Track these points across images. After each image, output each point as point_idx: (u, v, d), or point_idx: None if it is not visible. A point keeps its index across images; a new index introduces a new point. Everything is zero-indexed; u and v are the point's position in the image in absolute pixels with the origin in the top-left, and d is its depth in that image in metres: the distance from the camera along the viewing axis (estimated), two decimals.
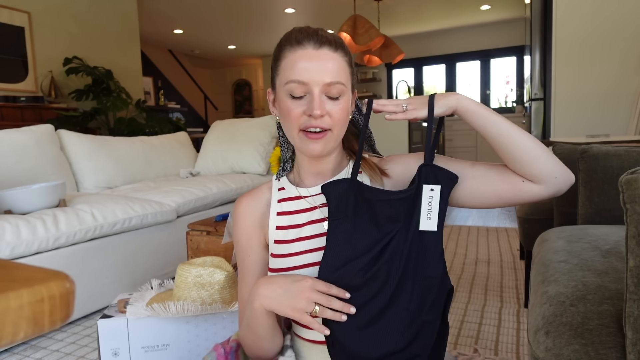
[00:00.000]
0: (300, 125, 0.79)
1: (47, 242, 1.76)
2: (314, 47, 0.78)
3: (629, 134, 3.23)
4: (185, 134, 3.67)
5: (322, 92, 0.78)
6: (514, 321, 1.75)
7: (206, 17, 6.78)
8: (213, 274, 1.30)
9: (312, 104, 0.77)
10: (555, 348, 0.66)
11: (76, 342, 1.73)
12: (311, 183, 0.88)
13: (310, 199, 0.87)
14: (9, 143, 2.33)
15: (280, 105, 0.82)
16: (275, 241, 0.87)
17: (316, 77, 0.77)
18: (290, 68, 0.78)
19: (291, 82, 0.78)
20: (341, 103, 0.79)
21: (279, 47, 0.82)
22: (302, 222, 0.86)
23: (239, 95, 10.50)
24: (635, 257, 0.57)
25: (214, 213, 2.67)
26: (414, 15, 6.97)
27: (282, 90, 0.80)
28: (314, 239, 0.83)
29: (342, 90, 0.79)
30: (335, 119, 0.79)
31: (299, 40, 0.79)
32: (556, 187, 0.76)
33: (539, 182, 0.76)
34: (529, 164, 0.76)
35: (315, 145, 0.79)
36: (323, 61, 0.78)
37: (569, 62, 3.40)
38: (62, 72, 4.47)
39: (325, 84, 0.77)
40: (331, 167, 0.88)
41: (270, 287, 0.77)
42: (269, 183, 0.94)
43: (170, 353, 1.33)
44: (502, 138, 0.77)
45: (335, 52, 0.79)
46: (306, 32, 0.80)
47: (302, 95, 0.78)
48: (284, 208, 0.88)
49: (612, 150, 1.26)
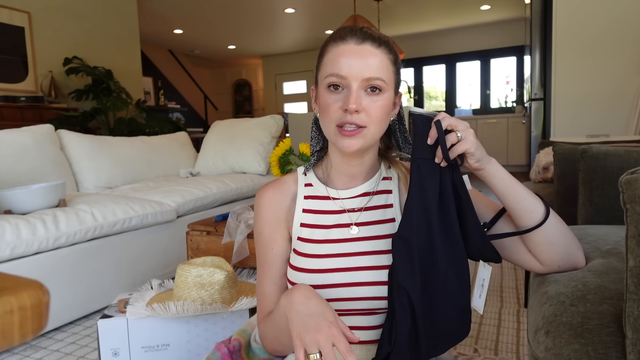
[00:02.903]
0: (336, 121, 0.77)
1: (47, 242, 1.76)
2: (356, 43, 0.77)
3: (629, 134, 3.23)
4: (185, 134, 3.67)
5: (360, 88, 0.76)
6: (514, 321, 1.75)
7: (206, 17, 6.78)
8: (213, 274, 1.30)
9: (348, 98, 0.75)
10: (555, 348, 0.66)
11: (76, 342, 1.73)
12: (341, 186, 0.87)
13: (340, 201, 0.86)
14: (9, 143, 2.33)
15: (319, 100, 0.81)
16: (300, 238, 0.86)
17: (355, 72, 0.75)
18: (331, 62, 0.78)
19: (330, 76, 0.77)
20: (380, 100, 0.77)
21: (324, 44, 0.82)
22: (329, 224, 0.85)
23: (239, 95, 10.51)
24: (635, 257, 0.57)
25: (214, 213, 2.67)
26: (414, 15, 6.98)
27: (322, 84, 0.79)
28: (341, 244, 0.82)
29: (381, 86, 0.77)
30: (373, 117, 0.77)
31: (342, 36, 0.78)
32: (557, 271, 0.79)
33: (542, 264, 0.79)
34: (541, 248, 0.77)
35: (350, 141, 0.77)
36: (364, 56, 0.76)
37: (569, 62, 3.40)
38: (62, 72, 4.47)
39: (364, 79, 0.76)
40: (365, 169, 0.86)
41: (304, 306, 0.71)
42: (294, 175, 0.92)
43: (170, 353, 1.33)
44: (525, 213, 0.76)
45: (377, 49, 0.78)
46: (350, 29, 0.79)
47: (341, 89, 0.77)
48: (311, 206, 0.87)
49: (612, 150, 1.26)
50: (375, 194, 0.86)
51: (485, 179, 0.76)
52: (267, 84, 9.87)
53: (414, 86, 8.54)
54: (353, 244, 0.82)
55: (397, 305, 0.73)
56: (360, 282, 0.79)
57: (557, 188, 1.67)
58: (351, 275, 0.80)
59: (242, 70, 10.48)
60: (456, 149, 0.72)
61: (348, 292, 0.79)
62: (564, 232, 0.76)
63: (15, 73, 4.18)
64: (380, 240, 0.82)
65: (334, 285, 0.80)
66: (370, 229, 0.83)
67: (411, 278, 0.72)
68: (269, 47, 8.84)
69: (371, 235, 0.83)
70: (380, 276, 0.79)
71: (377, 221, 0.84)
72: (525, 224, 0.75)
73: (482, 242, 0.75)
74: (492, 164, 0.75)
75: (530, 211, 0.74)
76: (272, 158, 1.76)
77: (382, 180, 0.88)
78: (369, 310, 0.81)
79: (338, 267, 0.80)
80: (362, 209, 0.85)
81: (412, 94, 8.40)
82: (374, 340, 0.81)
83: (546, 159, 2.24)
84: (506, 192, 0.75)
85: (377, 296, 0.79)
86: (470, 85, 8.18)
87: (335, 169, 0.87)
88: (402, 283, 0.72)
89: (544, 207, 0.75)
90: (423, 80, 8.55)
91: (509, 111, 7.59)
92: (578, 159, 1.31)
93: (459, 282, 0.74)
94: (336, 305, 0.80)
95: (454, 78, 8.26)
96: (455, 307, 0.74)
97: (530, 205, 0.75)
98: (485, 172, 0.75)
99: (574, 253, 0.79)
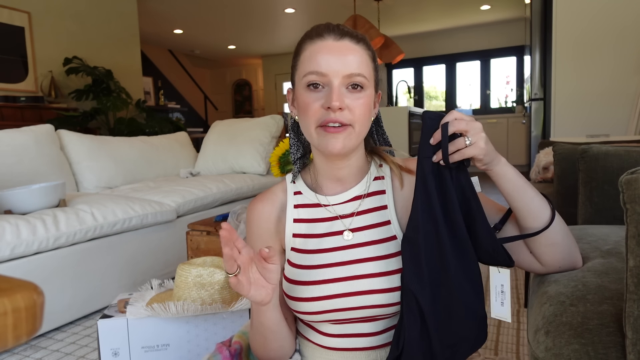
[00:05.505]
0: (318, 121, 0.74)
1: (47, 242, 1.76)
2: (334, 39, 0.74)
3: (629, 134, 3.23)
4: (185, 134, 3.67)
5: (342, 85, 0.73)
6: (514, 321, 1.75)
7: (206, 17, 6.78)
8: (213, 274, 1.30)
9: (330, 96, 0.72)
10: (555, 348, 0.66)
11: (76, 342, 1.73)
12: (330, 191, 0.83)
13: (331, 207, 0.83)
14: (9, 143, 2.33)
15: (298, 100, 0.77)
16: (293, 249, 0.83)
17: (336, 68, 0.72)
18: (309, 60, 0.74)
19: (310, 74, 0.74)
20: (363, 98, 0.74)
21: (299, 43, 0.79)
22: (321, 232, 0.81)
23: (239, 95, 10.51)
24: (635, 257, 0.57)
25: (214, 213, 2.67)
26: (414, 15, 6.97)
27: (300, 84, 0.76)
28: (336, 252, 0.79)
29: (363, 83, 0.74)
30: (357, 114, 0.73)
31: (319, 33, 0.75)
32: (557, 271, 0.79)
33: (543, 264, 0.78)
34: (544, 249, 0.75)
35: (335, 141, 0.73)
36: (344, 52, 0.73)
37: (569, 62, 3.40)
38: (62, 72, 4.47)
39: (345, 76, 0.73)
40: (352, 172, 0.82)
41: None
42: (282, 185, 0.88)
43: (170, 353, 1.33)
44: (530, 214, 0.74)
45: (357, 45, 0.75)
46: (326, 26, 0.76)
47: (321, 87, 0.74)
48: (302, 215, 0.83)
49: (612, 150, 1.26)
50: (367, 196, 0.82)
51: (494, 178, 0.73)
52: (267, 84, 9.87)
53: (414, 86, 8.54)
54: (348, 251, 0.79)
55: (405, 309, 0.71)
56: (359, 292, 0.76)
57: (557, 188, 1.67)
58: (349, 284, 0.76)
59: (242, 70, 10.48)
60: (462, 154, 0.68)
61: (347, 302, 0.76)
62: (566, 233, 0.75)
63: (15, 73, 4.18)
64: (377, 245, 0.78)
65: (333, 296, 0.76)
66: (366, 234, 0.80)
67: (418, 281, 0.69)
68: (269, 47, 8.83)
69: (367, 241, 0.79)
70: (379, 284, 0.75)
71: (372, 225, 0.80)
72: (530, 226, 0.73)
73: (493, 246, 0.72)
74: (502, 165, 0.72)
75: (536, 213, 0.72)
76: (272, 158, 1.76)
77: (374, 180, 0.84)
78: (372, 317, 0.78)
79: (335, 278, 0.77)
80: (354, 214, 0.81)
81: (412, 94, 8.40)
82: (379, 345, 0.79)
83: (546, 159, 2.24)
84: (514, 193, 0.72)
85: (378, 304, 0.75)
86: (470, 85, 8.18)
87: (322, 175, 0.84)
88: (410, 287, 0.70)
89: (550, 209, 0.73)
90: (423, 80, 8.55)
91: (509, 111, 7.59)
92: (578, 159, 1.31)
93: (472, 288, 0.71)
94: (337, 315, 0.77)
95: (454, 78, 8.26)
96: (471, 313, 0.71)
97: (537, 207, 0.72)
98: (493, 172, 0.72)
99: (574, 253, 0.78)
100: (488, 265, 0.76)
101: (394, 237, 0.79)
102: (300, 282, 0.79)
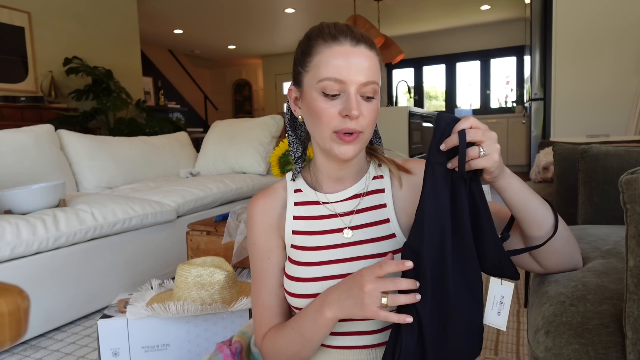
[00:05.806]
0: (334, 127, 0.74)
1: (47, 242, 1.76)
2: (351, 44, 0.73)
3: (629, 134, 3.24)
4: (185, 134, 3.67)
5: (357, 92, 0.74)
6: (514, 321, 1.75)
7: (206, 17, 6.78)
8: (213, 274, 1.30)
9: (349, 104, 0.72)
10: (555, 348, 0.66)
11: (76, 342, 1.73)
12: (330, 189, 0.85)
13: (330, 205, 0.84)
14: (9, 143, 2.33)
15: (309, 104, 0.76)
16: (293, 246, 0.83)
17: (354, 76, 0.72)
18: (325, 64, 0.73)
19: (326, 80, 0.73)
20: (374, 104, 0.75)
21: (308, 40, 0.77)
22: (321, 230, 0.82)
23: (239, 95, 10.51)
24: (635, 257, 0.57)
25: (214, 213, 2.67)
26: (414, 15, 6.98)
27: (313, 88, 0.75)
28: (336, 249, 0.80)
29: (376, 90, 0.76)
30: (368, 121, 0.75)
31: (333, 36, 0.74)
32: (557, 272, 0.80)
33: (543, 268, 0.78)
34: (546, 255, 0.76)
35: (348, 148, 0.75)
36: (360, 59, 0.73)
37: (569, 62, 3.40)
38: (62, 72, 4.47)
39: (361, 84, 0.73)
40: (353, 171, 0.84)
41: (337, 292, 0.71)
42: (283, 182, 0.89)
43: (170, 353, 1.33)
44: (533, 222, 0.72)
45: (370, 51, 0.75)
46: (340, 28, 0.75)
47: (337, 94, 0.74)
48: (301, 212, 0.84)
49: (612, 150, 1.26)
50: (367, 195, 0.83)
51: (498, 190, 0.71)
52: (267, 84, 9.87)
53: (414, 86, 8.54)
54: (348, 248, 0.79)
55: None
56: None
57: (557, 188, 1.67)
58: None
59: (242, 70, 10.48)
60: (474, 164, 0.65)
61: None
62: (568, 239, 0.75)
63: (15, 73, 4.18)
64: (377, 243, 0.79)
65: None
66: (365, 232, 0.80)
67: (419, 293, 0.67)
68: (269, 47, 8.84)
69: (366, 239, 0.80)
70: None
71: (371, 223, 0.81)
72: (534, 235, 0.72)
73: (500, 258, 0.69)
74: (507, 176, 0.69)
75: (540, 223, 0.71)
76: (272, 158, 1.76)
77: (373, 179, 0.85)
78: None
79: (335, 274, 0.78)
80: (354, 212, 0.82)
81: (412, 94, 8.40)
82: (377, 344, 0.79)
83: (546, 159, 2.24)
84: (518, 204, 0.71)
85: None
86: (470, 85, 8.18)
87: (323, 173, 0.84)
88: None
89: (553, 218, 0.72)
90: (423, 80, 8.55)
91: (509, 111, 7.59)
92: (578, 159, 1.31)
93: (474, 301, 0.70)
94: None
95: (454, 78, 8.26)
96: (469, 327, 0.69)
97: (541, 217, 0.71)
98: (498, 184, 0.70)
99: (575, 257, 0.78)
100: (493, 276, 0.74)
101: (392, 235, 0.80)
102: (300, 279, 0.80)
